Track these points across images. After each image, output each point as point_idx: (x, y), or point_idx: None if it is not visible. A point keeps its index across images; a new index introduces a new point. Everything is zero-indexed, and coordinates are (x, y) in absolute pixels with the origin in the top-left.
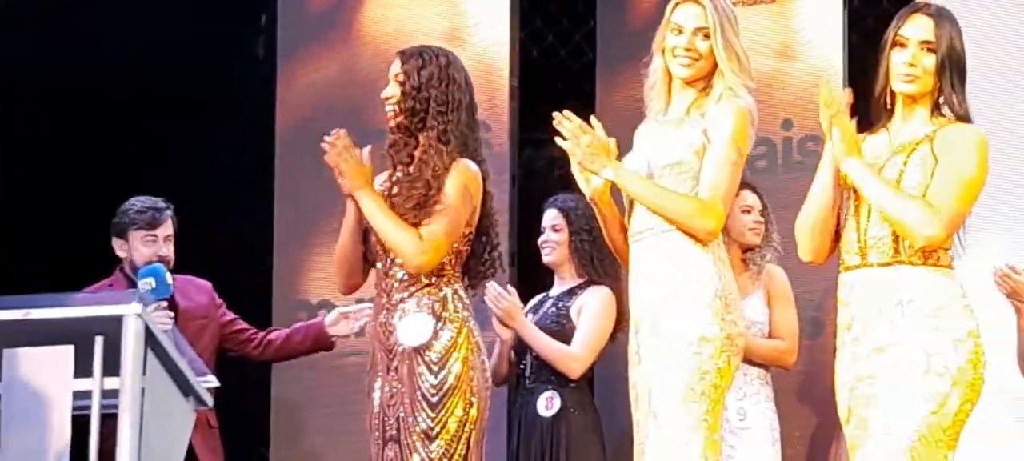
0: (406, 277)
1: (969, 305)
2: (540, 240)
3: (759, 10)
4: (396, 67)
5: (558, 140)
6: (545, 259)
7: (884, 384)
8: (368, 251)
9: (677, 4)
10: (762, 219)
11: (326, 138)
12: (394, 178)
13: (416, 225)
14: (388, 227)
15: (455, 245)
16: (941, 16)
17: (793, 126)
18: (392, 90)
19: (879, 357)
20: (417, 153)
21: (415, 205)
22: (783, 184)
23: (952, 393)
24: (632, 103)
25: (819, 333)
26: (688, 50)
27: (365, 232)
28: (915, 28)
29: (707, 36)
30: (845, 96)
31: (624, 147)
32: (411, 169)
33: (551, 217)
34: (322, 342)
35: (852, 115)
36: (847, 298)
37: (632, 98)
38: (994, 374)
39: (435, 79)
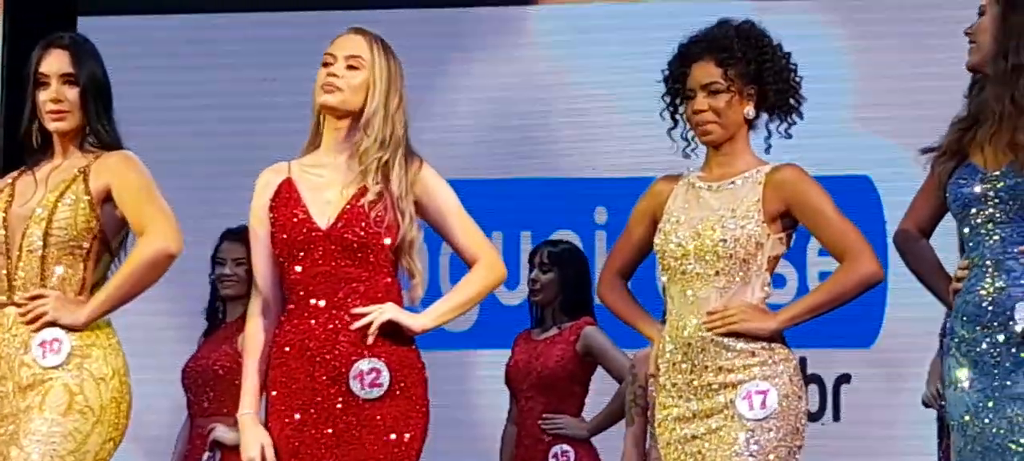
0: None
1: (117, 344)
2: None
3: None
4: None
5: None
6: None
7: (25, 421)
8: None
9: None
10: None
11: None
12: None
13: None
14: None
15: None
16: (79, 47)
17: None
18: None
19: (25, 396)
20: None
21: None
22: None
23: (93, 432)
24: None
25: None
26: None
27: None
28: (53, 63)
29: None
30: None
31: None
32: None
33: None
34: None
35: None
36: None
37: None
38: None
39: None
